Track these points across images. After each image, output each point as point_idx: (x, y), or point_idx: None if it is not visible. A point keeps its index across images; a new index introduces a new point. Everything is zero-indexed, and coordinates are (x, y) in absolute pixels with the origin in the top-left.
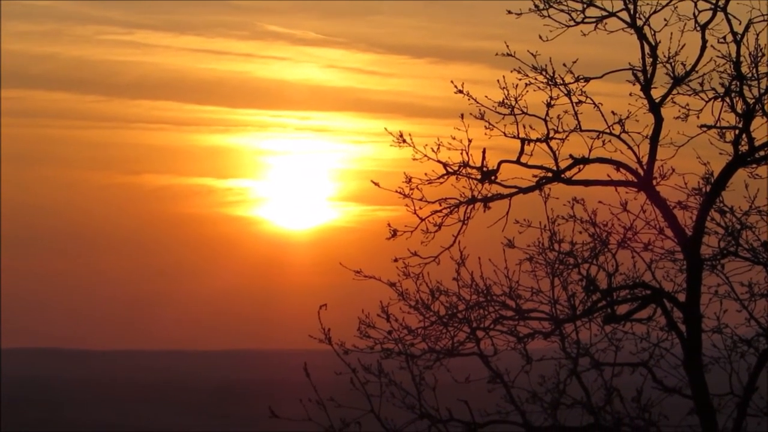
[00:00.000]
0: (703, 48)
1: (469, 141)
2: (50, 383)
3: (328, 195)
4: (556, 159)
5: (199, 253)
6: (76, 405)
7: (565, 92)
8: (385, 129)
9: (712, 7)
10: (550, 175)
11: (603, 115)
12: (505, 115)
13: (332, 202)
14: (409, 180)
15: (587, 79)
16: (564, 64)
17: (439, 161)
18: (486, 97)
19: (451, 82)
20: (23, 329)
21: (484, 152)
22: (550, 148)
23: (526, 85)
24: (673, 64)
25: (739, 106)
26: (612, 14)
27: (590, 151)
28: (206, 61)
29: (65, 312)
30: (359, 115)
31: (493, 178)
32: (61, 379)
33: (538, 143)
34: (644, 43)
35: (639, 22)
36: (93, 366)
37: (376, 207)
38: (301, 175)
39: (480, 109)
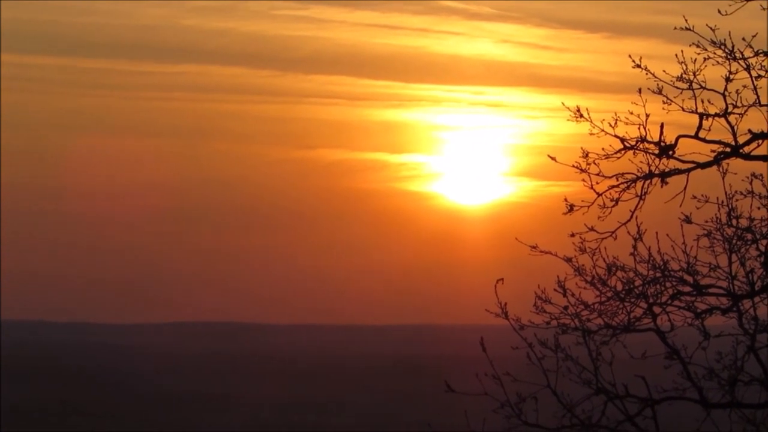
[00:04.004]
0: None
1: (647, 116)
2: (224, 356)
3: (502, 170)
4: (734, 134)
5: (372, 228)
6: (252, 378)
7: (745, 67)
8: (563, 104)
9: None
10: (728, 150)
11: None
12: (683, 89)
13: (506, 177)
14: (586, 155)
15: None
16: (743, 39)
17: (616, 136)
18: (664, 71)
19: (629, 56)
20: (202, 304)
21: (662, 127)
22: (729, 123)
23: (705, 59)
24: None
25: None
26: None
27: None
28: (380, 35)
29: (241, 286)
30: (533, 90)
31: (670, 153)
32: (235, 353)
33: (716, 118)
34: None
35: None
36: (268, 340)
37: (549, 182)
38: (475, 150)
39: (658, 84)
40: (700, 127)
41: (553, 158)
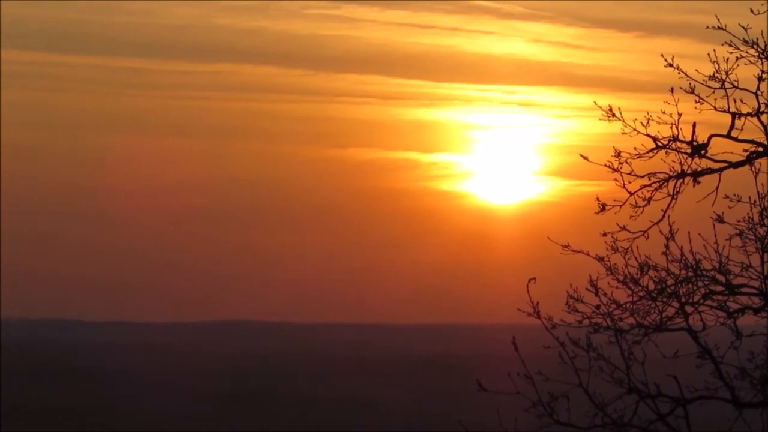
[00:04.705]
0: None
1: (679, 115)
2: (255, 355)
3: (533, 169)
4: (767, 133)
5: (404, 227)
6: (282, 377)
7: None
8: (595, 103)
9: None
10: (760, 149)
11: None
12: (715, 89)
13: (537, 176)
14: (618, 154)
15: None
16: None
17: (648, 135)
18: (696, 70)
19: (661, 55)
20: (235, 303)
21: (694, 126)
22: (761, 122)
23: (737, 58)
24: None
25: None
26: None
27: None
28: (412, 35)
29: (272, 285)
30: (564, 89)
31: (703, 152)
32: (265, 352)
33: (748, 117)
34: None
35: None
36: (298, 339)
37: (581, 181)
38: (507, 149)
39: (690, 83)
40: (732, 126)
41: (585, 157)
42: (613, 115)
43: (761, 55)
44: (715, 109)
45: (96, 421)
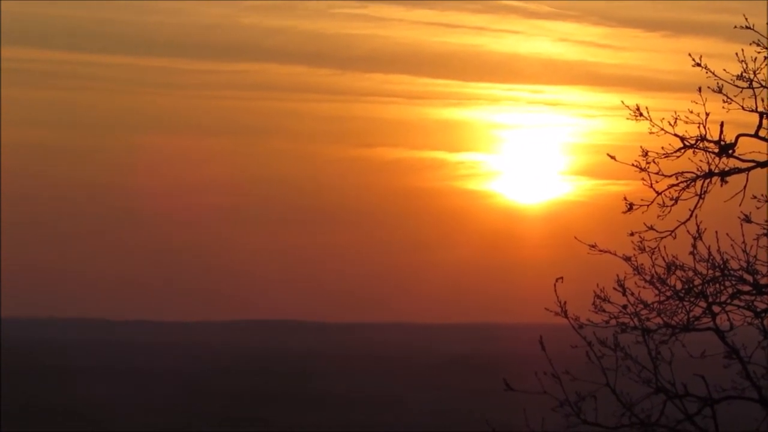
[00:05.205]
0: None
1: (707, 115)
2: (285, 354)
3: (560, 168)
4: None
5: (430, 226)
6: (308, 375)
7: None
8: (622, 102)
9: None
10: None
11: None
12: (743, 88)
13: (564, 175)
14: (645, 154)
15: None
16: None
17: (676, 135)
18: (724, 70)
19: (689, 55)
20: (261, 302)
21: (722, 126)
22: None
23: (765, 58)
24: None
25: None
26: None
27: None
28: (439, 34)
29: (300, 284)
30: (591, 88)
31: (730, 152)
32: (296, 351)
33: None
34: None
35: None
36: (327, 338)
37: (608, 181)
38: (533, 148)
39: (717, 83)
40: (760, 125)
41: (612, 157)
42: (641, 114)
43: None
44: (743, 108)
45: (134, 419)
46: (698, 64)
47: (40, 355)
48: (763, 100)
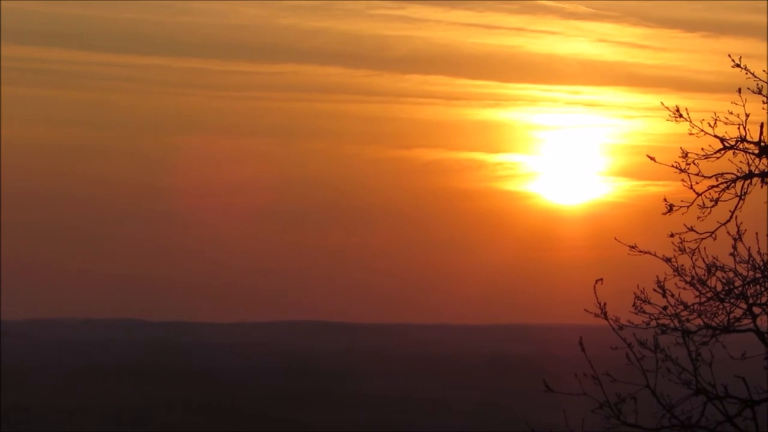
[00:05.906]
0: None
1: (747, 116)
2: (322, 355)
3: (599, 169)
4: None
5: (469, 227)
6: (348, 376)
7: None
8: (661, 103)
9: None
10: None
11: None
12: None
13: (603, 176)
14: (685, 155)
15: None
16: None
17: (716, 136)
18: (764, 71)
19: (728, 56)
20: (296, 302)
21: (762, 127)
22: None
23: None
24: None
25: None
26: None
27: None
28: (477, 35)
29: (336, 285)
30: (630, 89)
31: None
32: (332, 351)
33: None
34: None
35: None
36: (365, 339)
37: (647, 182)
38: (572, 149)
39: (758, 84)
40: None
41: (652, 158)
42: (680, 115)
43: None
44: None
45: (171, 420)
46: (738, 65)
47: (82, 355)
48: None
